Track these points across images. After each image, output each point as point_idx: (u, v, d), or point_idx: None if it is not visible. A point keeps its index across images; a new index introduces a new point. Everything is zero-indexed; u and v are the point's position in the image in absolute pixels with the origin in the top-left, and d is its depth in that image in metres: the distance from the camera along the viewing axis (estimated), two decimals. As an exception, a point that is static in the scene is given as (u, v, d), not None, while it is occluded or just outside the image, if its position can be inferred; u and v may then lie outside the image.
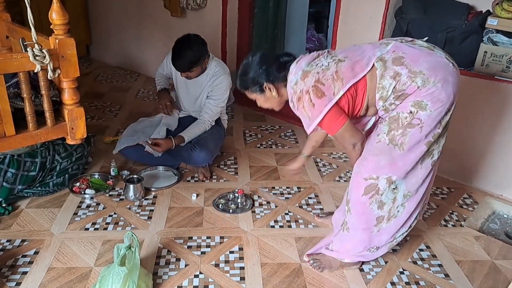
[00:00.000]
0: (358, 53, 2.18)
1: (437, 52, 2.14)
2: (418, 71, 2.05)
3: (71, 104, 1.73)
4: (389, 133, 2.17)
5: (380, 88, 2.11)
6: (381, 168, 2.22)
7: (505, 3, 2.98)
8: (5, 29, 2.16)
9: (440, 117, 2.11)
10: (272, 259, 2.60)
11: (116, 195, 3.16)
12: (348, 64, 2.13)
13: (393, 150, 2.17)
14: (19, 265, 2.47)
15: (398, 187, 2.26)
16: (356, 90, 2.14)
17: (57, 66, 1.63)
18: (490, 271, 2.60)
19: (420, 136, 2.12)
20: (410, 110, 2.09)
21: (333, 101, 2.10)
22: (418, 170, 2.24)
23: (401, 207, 2.33)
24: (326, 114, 2.11)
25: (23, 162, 2.86)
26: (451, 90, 2.08)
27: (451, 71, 2.10)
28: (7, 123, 1.66)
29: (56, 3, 1.57)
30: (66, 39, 1.63)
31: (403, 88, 2.07)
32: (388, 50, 2.12)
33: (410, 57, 2.08)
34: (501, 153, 3.25)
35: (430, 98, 2.06)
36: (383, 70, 2.09)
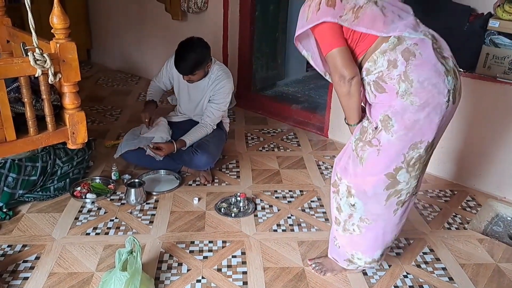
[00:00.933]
0: (395, 14, 1.97)
1: (449, 81, 1.94)
2: (411, 78, 1.89)
3: (72, 108, 1.72)
4: (356, 141, 2.11)
5: (373, 59, 1.96)
6: (345, 170, 2.18)
7: (506, 5, 2.97)
8: (6, 34, 2.15)
9: (404, 151, 1.98)
10: (274, 263, 2.58)
11: (117, 200, 3.14)
12: (376, 14, 1.93)
13: (356, 159, 2.11)
14: (20, 270, 2.46)
15: (356, 206, 2.18)
16: (360, 39, 1.98)
17: (58, 70, 1.62)
18: (494, 274, 2.58)
19: (378, 160, 2.02)
20: (376, 125, 1.99)
21: (335, 19, 1.90)
22: (382, 205, 2.14)
23: (357, 228, 2.25)
24: (324, 23, 1.92)
25: (24, 166, 2.85)
26: (425, 125, 1.94)
27: (441, 105, 1.93)
28: (8, 128, 1.65)
29: (57, 7, 1.56)
30: (67, 43, 1.63)
31: (387, 81, 1.93)
32: (414, 37, 1.93)
33: (420, 61, 1.90)
34: (504, 155, 3.24)
35: (401, 116, 1.92)
36: (390, 48, 1.92)
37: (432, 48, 1.94)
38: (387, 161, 2.03)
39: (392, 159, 2.02)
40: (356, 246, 2.32)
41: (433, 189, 3.44)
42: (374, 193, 2.11)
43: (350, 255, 2.37)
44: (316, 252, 2.69)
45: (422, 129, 1.95)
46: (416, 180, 2.12)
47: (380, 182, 2.08)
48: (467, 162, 3.44)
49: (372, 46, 1.97)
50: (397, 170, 2.03)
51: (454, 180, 3.54)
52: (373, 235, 2.26)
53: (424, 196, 3.33)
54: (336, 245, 2.41)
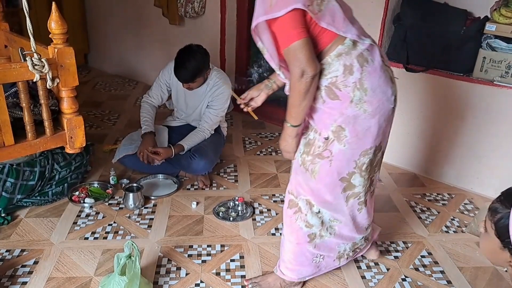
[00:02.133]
0: (348, 16, 1.92)
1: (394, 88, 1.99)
2: (365, 87, 1.87)
3: (70, 113, 1.72)
4: (302, 155, 2.06)
5: (327, 62, 1.89)
6: (297, 187, 2.13)
7: (503, 8, 2.99)
8: (4, 39, 2.15)
9: (355, 157, 1.99)
10: (273, 267, 2.58)
11: (115, 204, 3.14)
12: (338, 10, 1.86)
13: (305, 174, 2.06)
14: (19, 275, 2.46)
15: (322, 211, 2.16)
16: (320, 34, 1.87)
17: (56, 75, 1.62)
18: (492, 277, 2.58)
19: (331, 170, 2.00)
20: (327, 136, 1.94)
21: (304, 7, 1.75)
22: (344, 207, 2.15)
23: (331, 229, 2.23)
24: (291, 12, 1.76)
25: (22, 171, 2.85)
26: (375, 131, 1.96)
27: (388, 111, 1.98)
28: (6, 133, 1.65)
29: (55, 12, 1.57)
30: (65, 48, 1.63)
31: (341, 88, 1.87)
32: (366, 43, 1.89)
33: (372, 68, 1.89)
34: (501, 158, 3.25)
35: (352, 125, 1.91)
36: (345, 52, 1.86)
37: (379, 54, 1.92)
38: (340, 169, 2.01)
39: (344, 166, 2.01)
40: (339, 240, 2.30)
41: (430, 192, 3.44)
42: (333, 198, 2.10)
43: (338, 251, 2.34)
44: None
45: (372, 135, 1.95)
46: (370, 181, 2.15)
47: (337, 188, 2.07)
48: (465, 166, 3.45)
49: (328, 46, 1.88)
50: (351, 175, 2.03)
51: (452, 183, 3.55)
52: (348, 229, 2.26)
53: (422, 200, 3.33)
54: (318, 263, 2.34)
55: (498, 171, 3.30)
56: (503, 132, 3.19)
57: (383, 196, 3.35)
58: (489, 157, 3.31)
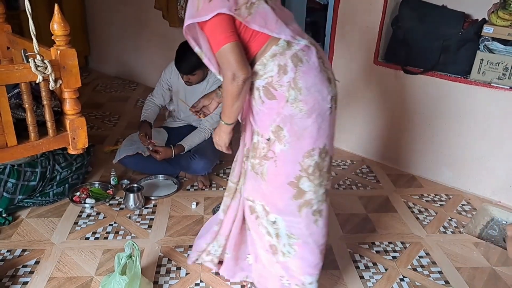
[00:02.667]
0: (283, 18, 1.90)
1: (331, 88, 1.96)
2: (299, 86, 1.86)
3: (72, 114, 1.74)
4: (250, 160, 2.08)
5: (263, 62, 1.89)
6: (252, 192, 2.12)
7: (500, 11, 3.01)
8: (6, 40, 2.17)
9: (299, 159, 1.96)
10: (272, 267, 2.60)
11: (116, 204, 3.16)
12: (268, 12, 1.86)
13: (256, 177, 2.06)
14: (20, 275, 2.48)
15: (278, 223, 2.09)
16: (252, 37, 1.88)
17: (58, 76, 1.64)
18: (490, 277, 2.60)
19: (277, 171, 1.99)
20: (269, 137, 1.95)
21: (231, 12, 1.78)
22: (298, 218, 2.07)
23: (290, 249, 2.12)
24: (217, 16, 1.79)
25: (23, 172, 2.87)
26: (314, 131, 1.93)
27: (326, 111, 1.94)
28: (9, 134, 1.67)
29: (58, 14, 1.58)
30: (68, 49, 1.64)
31: (277, 88, 1.88)
32: (301, 44, 1.88)
33: (307, 67, 1.89)
34: (499, 159, 3.27)
35: (289, 124, 1.90)
36: (279, 52, 1.87)
37: (316, 55, 1.93)
38: (286, 170, 1.99)
39: (290, 168, 1.98)
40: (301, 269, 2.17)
41: (428, 193, 3.46)
42: (284, 204, 2.05)
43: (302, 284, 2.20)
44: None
45: (312, 136, 1.93)
46: (324, 188, 2.08)
47: (287, 192, 2.03)
48: (462, 167, 3.47)
49: (262, 48, 1.89)
50: (298, 179, 1.99)
51: (450, 184, 3.57)
52: (310, 255, 2.16)
53: (420, 201, 3.35)
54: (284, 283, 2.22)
55: (496, 172, 3.32)
56: (501, 133, 3.21)
57: (381, 197, 3.37)
58: (486, 158, 3.33)
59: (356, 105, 3.92)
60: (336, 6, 3.78)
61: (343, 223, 3.04)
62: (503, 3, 3.04)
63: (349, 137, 4.08)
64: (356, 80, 3.83)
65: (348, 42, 3.79)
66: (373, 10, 3.55)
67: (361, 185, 3.56)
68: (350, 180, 3.63)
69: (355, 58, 3.79)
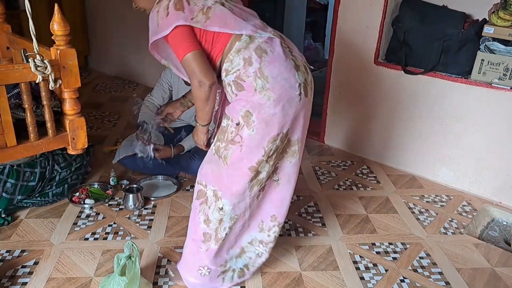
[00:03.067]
0: (243, 16, 2.06)
1: (299, 76, 2.05)
2: (266, 75, 1.96)
3: (72, 114, 1.73)
4: (216, 143, 2.14)
5: (229, 59, 2.00)
6: (207, 176, 2.19)
7: (501, 11, 3.01)
8: (6, 40, 2.17)
9: (264, 144, 2.03)
10: (272, 268, 2.60)
11: (115, 205, 3.16)
12: (226, 13, 2.00)
13: (218, 161, 2.12)
14: (19, 275, 2.47)
15: (224, 209, 2.17)
16: (214, 39, 2.02)
17: (58, 76, 1.63)
18: (490, 278, 2.60)
19: (241, 156, 2.05)
20: (238, 121, 2.02)
21: (187, 22, 1.94)
22: (247, 197, 2.17)
23: (228, 230, 2.25)
24: (175, 29, 1.94)
25: (23, 172, 2.86)
26: (281, 118, 2.01)
27: (294, 98, 2.02)
28: (8, 134, 1.66)
29: (58, 14, 1.58)
30: (67, 49, 1.64)
31: (245, 79, 1.98)
32: (264, 36, 2.02)
33: (272, 57, 1.99)
34: (500, 160, 3.27)
35: (258, 111, 1.98)
36: (243, 47, 1.98)
37: (280, 45, 2.04)
38: (249, 155, 2.06)
39: (254, 153, 2.05)
40: (228, 244, 2.32)
41: (429, 194, 3.46)
42: (239, 188, 2.13)
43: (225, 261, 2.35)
44: (313, 256, 2.71)
45: (279, 122, 2.01)
46: (273, 167, 2.17)
47: (245, 177, 2.10)
48: (463, 167, 3.47)
49: (227, 46, 2.01)
50: (259, 163, 2.08)
51: (450, 185, 3.57)
52: (240, 224, 2.28)
53: (420, 201, 3.35)
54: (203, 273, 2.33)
55: (496, 173, 3.31)
56: (501, 134, 3.21)
57: (382, 198, 3.37)
58: (487, 159, 3.33)
59: (357, 106, 3.91)
60: (336, 6, 3.77)
61: (343, 224, 3.04)
62: (504, 3, 3.03)
63: (349, 138, 4.08)
64: (356, 80, 3.83)
65: (349, 42, 3.79)
66: (373, 10, 3.54)
67: (361, 185, 3.56)
68: (351, 180, 3.63)
69: (356, 58, 3.78)
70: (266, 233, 2.36)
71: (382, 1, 3.48)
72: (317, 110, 4.71)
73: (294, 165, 2.24)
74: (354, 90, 3.88)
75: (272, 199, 2.30)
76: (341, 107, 4.04)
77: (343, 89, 3.96)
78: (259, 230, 2.35)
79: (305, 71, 2.10)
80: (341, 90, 3.98)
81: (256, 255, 2.40)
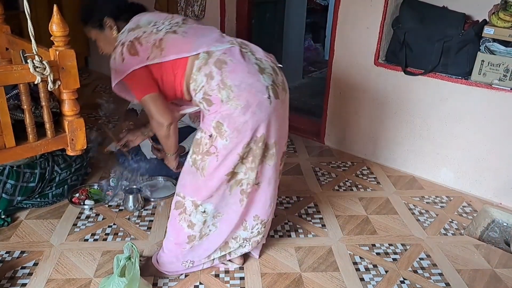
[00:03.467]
0: (199, 35, 2.14)
1: (265, 78, 2.06)
2: (229, 85, 1.99)
3: (71, 115, 1.73)
4: (192, 156, 2.17)
5: (193, 79, 2.07)
6: (185, 187, 2.23)
7: (501, 12, 3.00)
8: (5, 41, 2.16)
9: (239, 150, 2.05)
10: (272, 269, 2.59)
11: (115, 206, 3.15)
12: (179, 39, 2.10)
13: (195, 173, 2.16)
14: (19, 276, 2.47)
15: (207, 211, 2.23)
16: (174, 67, 2.10)
17: (57, 77, 1.63)
18: (490, 279, 2.59)
19: (217, 164, 2.08)
20: (211, 133, 2.06)
21: (142, 64, 2.07)
22: (227, 196, 2.20)
23: (213, 227, 2.32)
24: (132, 73, 2.09)
25: (23, 173, 2.86)
26: (253, 124, 2.02)
27: (263, 102, 2.02)
28: (7, 135, 1.66)
29: (57, 15, 1.58)
30: (66, 50, 1.64)
31: (210, 94, 2.02)
32: (221, 48, 2.07)
33: (232, 67, 2.02)
34: (500, 161, 3.26)
35: (228, 121, 2.01)
36: (202, 64, 2.04)
37: (240, 53, 2.07)
38: (225, 162, 2.08)
39: (229, 160, 2.07)
40: (215, 244, 2.37)
41: (429, 195, 3.45)
42: (217, 190, 2.16)
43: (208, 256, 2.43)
44: (313, 257, 2.70)
45: (252, 128, 2.03)
46: (255, 172, 2.16)
47: (223, 181, 2.14)
48: (463, 168, 3.46)
49: (188, 68, 2.08)
50: (235, 167, 2.10)
51: (450, 186, 3.56)
52: (227, 229, 2.31)
53: (420, 202, 3.34)
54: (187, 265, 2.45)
55: (496, 174, 3.31)
56: (502, 135, 3.20)
57: (382, 199, 3.36)
58: (487, 160, 3.32)
59: (357, 107, 3.91)
60: (337, 7, 3.77)
61: (343, 225, 3.03)
62: (504, 4, 3.03)
63: (349, 138, 4.08)
64: (356, 81, 3.83)
65: (349, 43, 3.79)
66: (374, 11, 3.54)
67: (361, 186, 3.56)
68: (351, 181, 3.62)
69: (356, 59, 3.78)
70: (249, 231, 2.40)
71: (382, 2, 3.48)
72: (317, 111, 4.74)
73: (273, 168, 2.25)
74: (354, 91, 3.88)
75: (255, 201, 2.32)
76: (341, 108, 4.03)
77: (343, 90, 3.96)
78: (243, 229, 2.39)
79: (272, 73, 2.11)
80: (341, 91, 3.98)
81: (239, 246, 2.45)
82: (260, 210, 2.35)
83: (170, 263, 2.45)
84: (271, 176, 2.27)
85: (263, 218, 2.37)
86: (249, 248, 2.47)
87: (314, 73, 6.59)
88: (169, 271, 2.48)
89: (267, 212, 2.37)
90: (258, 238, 2.44)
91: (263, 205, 2.34)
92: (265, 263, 2.64)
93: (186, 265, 2.43)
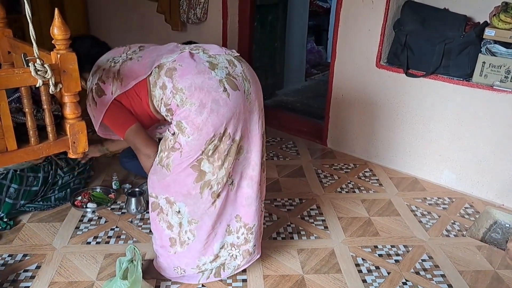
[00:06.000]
0: (153, 54, 2.17)
1: (217, 73, 2.05)
2: (180, 88, 2.01)
3: (72, 118, 1.73)
4: (160, 154, 2.17)
5: (153, 95, 2.11)
6: (155, 187, 2.23)
7: (502, 14, 3.00)
8: (7, 45, 2.17)
9: (202, 147, 2.05)
10: (274, 271, 2.60)
11: (118, 209, 3.16)
12: (133, 65, 2.14)
13: (162, 170, 2.16)
14: (21, 280, 2.47)
15: (181, 212, 2.20)
16: (138, 92, 2.14)
17: (58, 80, 1.63)
18: (492, 281, 2.59)
19: (181, 160, 2.09)
20: (173, 131, 2.08)
21: (110, 101, 2.12)
22: (199, 200, 2.17)
23: (190, 235, 2.25)
24: (106, 114, 2.15)
25: (26, 177, 2.87)
26: (214, 120, 2.01)
27: (219, 98, 2.01)
28: (9, 138, 1.67)
29: (58, 18, 1.58)
30: (68, 54, 1.64)
31: (169, 102, 2.06)
32: (171, 58, 2.09)
33: (181, 71, 2.04)
34: (502, 162, 3.26)
35: (186, 121, 2.02)
36: (156, 78, 2.08)
37: (189, 55, 2.09)
38: (188, 157, 2.08)
39: (192, 155, 2.07)
40: (197, 253, 2.32)
41: (431, 196, 3.45)
42: (188, 189, 2.15)
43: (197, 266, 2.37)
44: (315, 259, 2.70)
45: (213, 125, 2.02)
46: (223, 170, 2.13)
47: (189, 176, 2.12)
48: (465, 170, 3.46)
49: (148, 88, 2.12)
50: (199, 161, 2.09)
51: (452, 187, 3.56)
52: (205, 233, 2.27)
53: (423, 204, 3.34)
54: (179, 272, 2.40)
55: (499, 175, 3.31)
56: (503, 136, 3.20)
57: (384, 201, 3.36)
58: (489, 161, 3.32)
59: (359, 109, 3.91)
60: (338, 9, 3.78)
61: (345, 227, 3.03)
62: (505, 6, 3.04)
63: (351, 140, 4.08)
64: (358, 83, 3.83)
65: (351, 45, 3.79)
66: (375, 13, 3.55)
67: (363, 188, 3.56)
68: (353, 183, 3.62)
69: (358, 61, 3.78)
70: (235, 235, 2.34)
71: (383, 5, 3.49)
72: (319, 113, 4.74)
73: (249, 163, 2.23)
74: (356, 93, 3.88)
75: (233, 201, 2.28)
76: (343, 110, 4.04)
77: (345, 92, 3.96)
78: (228, 233, 2.33)
79: (228, 66, 2.09)
80: (343, 93, 3.98)
81: (230, 256, 2.39)
82: (241, 210, 2.30)
83: (164, 268, 2.44)
84: (247, 174, 2.24)
85: (247, 221, 2.31)
86: (240, 259, 2.38)
87: (316, 76, 6.59)
88: (167, 276, 2.47)
89: (251, 215, 2.30)
90: (247, 247, 2.37)
91: (244, 205, 2.29)
92: (268, 265, 2.64)
93: (178, 271, 2.38)
